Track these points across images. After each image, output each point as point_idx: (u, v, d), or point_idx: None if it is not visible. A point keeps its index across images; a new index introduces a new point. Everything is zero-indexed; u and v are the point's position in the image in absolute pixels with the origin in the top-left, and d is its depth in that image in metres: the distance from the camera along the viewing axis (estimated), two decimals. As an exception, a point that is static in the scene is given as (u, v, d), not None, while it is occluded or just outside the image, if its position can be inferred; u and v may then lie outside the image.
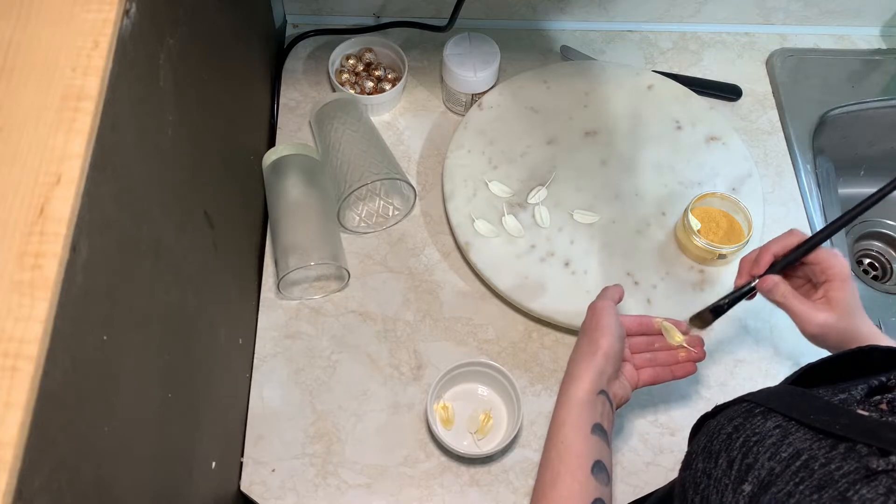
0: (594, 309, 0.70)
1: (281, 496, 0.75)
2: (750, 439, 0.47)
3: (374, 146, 0.88)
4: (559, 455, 0.63)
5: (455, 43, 0.94)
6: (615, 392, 0.67)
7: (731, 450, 0.47)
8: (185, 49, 0.59)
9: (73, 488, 0.39)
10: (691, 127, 0.96)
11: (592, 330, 0.68)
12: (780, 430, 0.46)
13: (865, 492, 0.38)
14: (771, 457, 0.45)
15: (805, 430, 0.45)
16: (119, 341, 0.45)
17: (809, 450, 0.43)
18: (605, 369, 0.66)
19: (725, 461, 0.47)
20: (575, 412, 0.64)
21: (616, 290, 0.73)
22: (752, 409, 0.50)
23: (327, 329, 0.84)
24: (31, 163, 0.39)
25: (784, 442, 0.45)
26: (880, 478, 0.38)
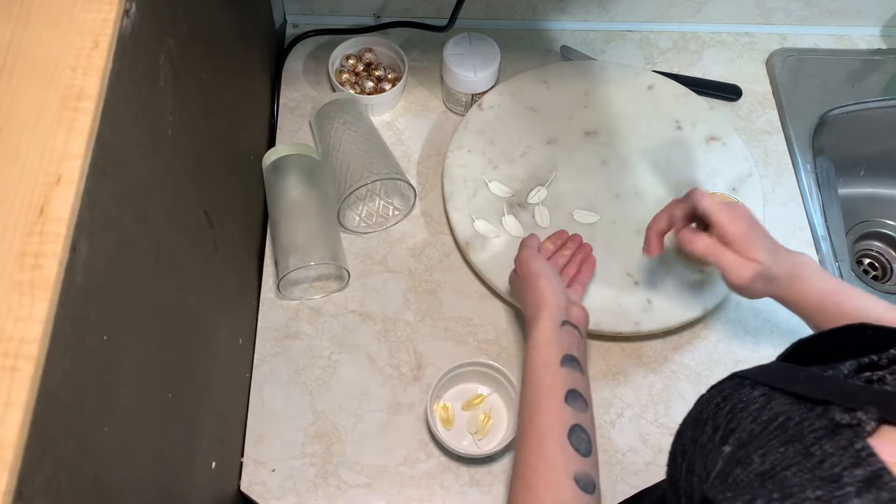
0: (521, 260, 0.77)
1: (281, 496, 0.75)
2: (736, 406, 0.48)
3: (374, 146, 0.88)
4: (532, 393, 0.66)
5: (455, 43, 0.94)
6: (576, 315, 0.72)
7: (718, 417, 0.48)
8: (185, 49, 0.59)
9: (73, 488, 0.39)
10: (691, 127, 0.96)
11: (529, 277, 0.74)
12: (765, 397, 0.47)
13: (828, 446, 0.38)
14: (753, 420, 0.45)
15: (788, 396, 0.46)
16: (119, 341, 0.45)
17: (788, 412, 0.44)
18: (558, 304, 0.71)
19: (711, 427, 0.48)
20: (542, 351, 0.68)
21: (532, 238, 0.80)
22: (741, 382, 0.51)
23: (327, 329, 0.84)
24: (31, 163, 0.39)
25: (766, 407, 0.46)
26: (843, 431, 0.39)
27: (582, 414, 0.63)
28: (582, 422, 0.63)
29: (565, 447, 0.61)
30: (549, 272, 0.74)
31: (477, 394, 0.80)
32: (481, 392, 0.80)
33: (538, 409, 0.65)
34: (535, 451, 0.62)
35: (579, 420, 0.63)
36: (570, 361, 0.66)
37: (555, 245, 0.83)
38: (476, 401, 0.80)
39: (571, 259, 0.82)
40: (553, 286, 0.72)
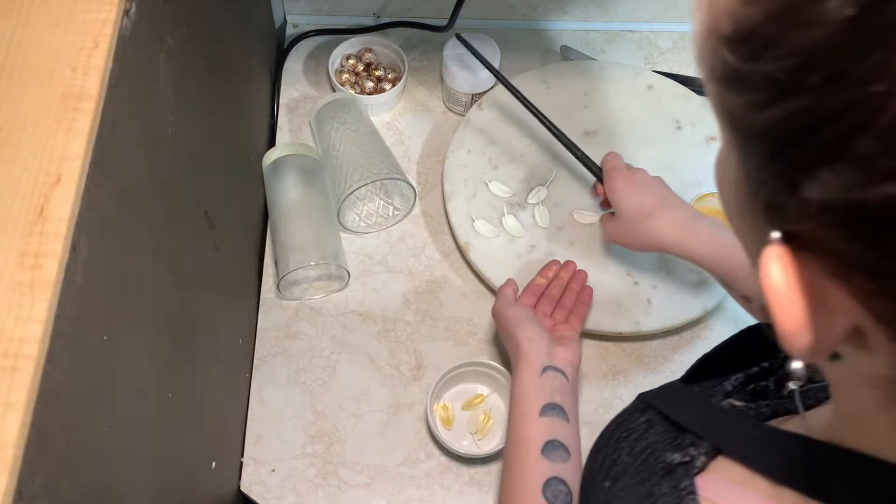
0: (495, 312, 0.76)
1: (281, 496, 0.75)
2: (622, 435, 0.47)
3: (374, 146, 0.88)
4: (509, 445, 0.66)
5: (455, 43, 0.94)
6: (562, 357, 0.70)
7: (607, 447, 0.47)
8: (185, 49, 0.59)
9: (73, 488, 0.39)
10: (691, 127, 0.96)
11: (505, 328, 0.74)
12: (647, 424, 0.46)
13: (664, 486, 0.38)
14: (629, 451, 0.44)
15: (665, 423, 0.45)
16: (119, 341, 0.45)
17: (657, 443, 0.43)
18: (537, 351, 0.70)
19: (602, 457, 0.47)
20: (520, 403, 0.67)
21: (508, 286, 0.79)
22: (637, 406, 0.50)
23: (327, 329, 0.84)
24: (31, 163, 0.39)
25: (643, 436, 0.45)
26: (677, 470, 0.38)
27: (561, 465, 0.61)
28: (560, 473, 0.61)
29: (538, 501, 0.60)
30: (523, 319, 0.73)
31: (477, 394, 0.80)
32: (481, 392, 0.80)
33: (513, 463, 0.64)
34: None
35: (557, 472, 0.61)
36: (552, 410, 0.65)
37: (546, 279, 0.81)
38: (476, 401, 0.80)
39: (568, 288, 0.80)
40: (530, 333, 0.71)
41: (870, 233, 0.22)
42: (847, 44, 0.20)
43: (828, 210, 0.22)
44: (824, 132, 0.21)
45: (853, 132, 0.21)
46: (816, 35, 0.21)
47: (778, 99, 0.22)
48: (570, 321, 0.77)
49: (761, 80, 0.23)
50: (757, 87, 0.23)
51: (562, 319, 0.77)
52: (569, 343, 0.72)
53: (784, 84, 0.22)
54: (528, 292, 0.80)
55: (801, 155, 0.23)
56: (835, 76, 0.20)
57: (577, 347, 0.73)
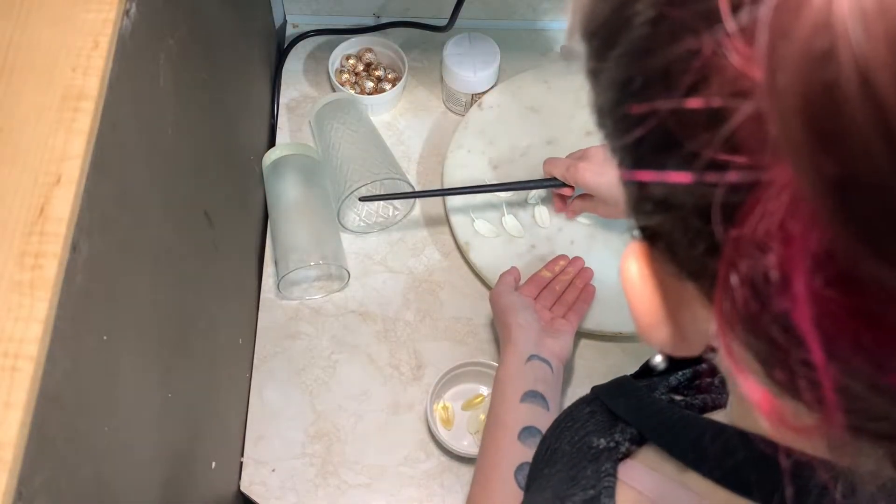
0: (493, 296, 0.78)
1: (281, 496, 0.75)
2: (566, 425, 0.47)
3: (374, 146, 0.88)
4: (488, 428, 0.67)
5: (455, 43, 0.94)
6: (550, 348, 0.71)
7: (552, 436, 0.48)
8: (185, 49, 0.59)
9: (73, 488, 0.39)
10: (691, 127, 0.95)
11: (499, 314, 0.75)
12: (590, 413, 0.46)
13: (589, 470, 0.38)
14: (569, 441, 0.44)
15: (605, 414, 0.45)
16: (119, 341, 0.45)
17: (594, 432, 0.43)
18: (525, 339, 0.71)
19: (545, 446, 0.47)
20: (502, 387, 0.68)
21: (510, 273, 0.80)
22: (585, 398, 0.50)
23: (327, 329, 0.84)
24: (31, 163, 0.39)
25: (584, 426, 0.45)
26: (602, 455, 0.39)
27: None
28: None
29: (510, 484, 0.61)
30: (517, 306, 0.74)
31: (477, 394, 0.80)
32: (481, 392, 0.80)
33: (489, 445, 0.65)
34: (480, 486, 0.63)
35: (531, 458, 0.62)
36: (533, 397, 0.66)
37: (552, 272, 0.81)
38: (476, 401, 0.80)
39: (572, 284, 0.81)
40: (521, 321, 0.72)
41: (689, 224, 0.22)
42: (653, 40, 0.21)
43: (662, 207, 0.23)
44: (650, 135, 0.22)
45: (667, 138, 0.21)
46: (634, 35, 0.21)
47: (622, 99, 0.23)
48: (568, 316, 0.78)
49: (606, 80, 0.24)
50: (604, 88, 0.25)
51: (560, 314, 0.78)
52: (560, 336, 0.73)
53: (622, 83, 0.23)
54: (531, 283, 0.80)
55: (639, 153, 0.23)
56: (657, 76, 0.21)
57: (567, 342, 0.73)
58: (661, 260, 0.25)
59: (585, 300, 0.80)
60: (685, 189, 0.21)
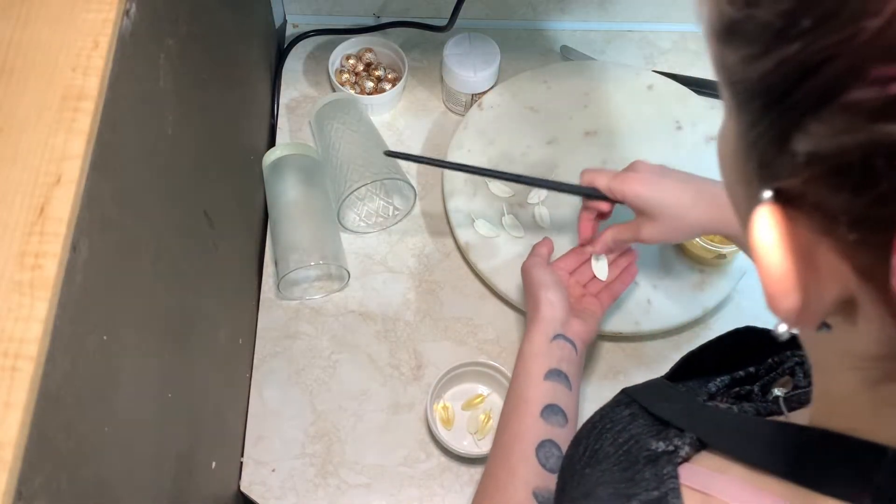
0: (524, 269, 0.75)
1: (281, 496, 0.75)
2: (605, 426, 0.47)
3: (374, 146, 0.88)
4: (510, 403, 0.66)
5: (455, 43, 0.94)
6: (576, 330, 0.70)
7: (590, 437, 0.48)
8: (185, 49, 0.59)
9: (72, 488, 0.39)
10: (691, 127, 0.96)
11: (528, 286, 0.73)
12: (631, 416, 0.46)
13: (647, 472, 0.38)
14: (612, 442, 0.45)
15: (649, 417, 0.45)
16: (119, 341, 0.45)
17: (640, 435, 0.43)
18: (553, 316, 0.69)
19: (583, 447, 0.48)
20: (526, 363, 0.67)
21: (544, 245, 0.78)
22: (621, 400, 0.51)
23: (327, 329, 0.84)
24: (31, 163, 0.39)
25: (626, 428, 0.45)
26: (661, 458, 0.39)
27: (558, 429, 0.62)
28: (556, 437, 0.61)
29: (530, 460, 0.60)
30: (548, 283, 0.72)
31: (477, 394, 0.80)
32: (481, 392, 0.80)
33: (511, 420, 0.64)
34: (499, 462, 0.63)
35: (553, 435, 0.62)
36: (556, 375, 0.65)
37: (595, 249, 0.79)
38: (476, 401, 0.80)
39: (614, 263, 0.79)
40: (551, 298, 0.70)
41: (854, 180, 0.22)
42: None
43: (815, 161, 0.23)
44: (813, 79, 0.22)
45: (841, 75, 0.21)
46: None
47: (771, 48, 0.23)
48: (601, 296, 0.76)
49: (756, 29, 0.23)
50: (751, 37, 0.24)
51: (594, 292, 0.77)
52: (588, 318, 0.72)
53: (778, 31, 0.22)
54: (570, 255, 0.79)
55: (790, 106, 0.23)
56: (828, 16, 0.21)
57: (594, 324, 0.72)
58: (798, 222, 0.25)
59: (623, 281, 0.78)
60: (853, 136, 0.21)
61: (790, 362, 0.46)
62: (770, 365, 0.47)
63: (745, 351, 0.49)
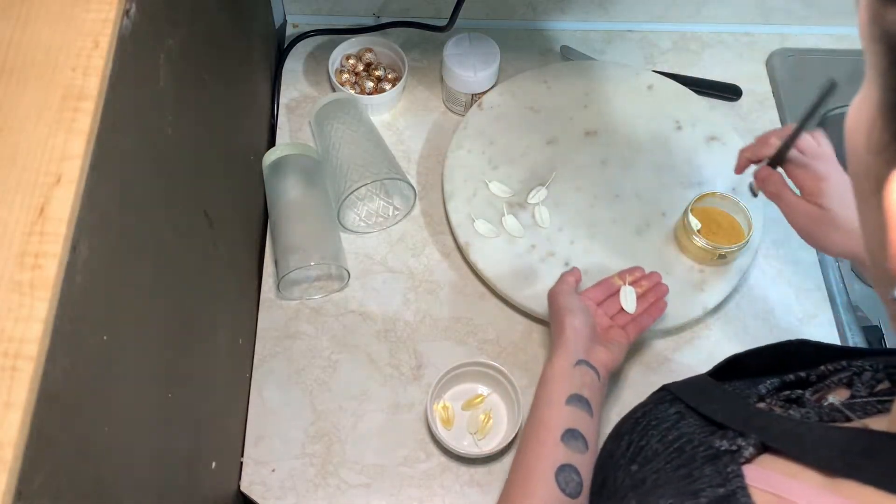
0: (551, 295, 0.76)
1: (281, 496, 0.75)
2: (651, 423, 0.48)
3: (374, 146, 0.88)
4: (530, 426, 0.66)
5: (455, 43, 0.94)
6: (599, 357, 0.70)
7: (633, 433, 0.48)
8: (185, 49, 0.59)
9: (73, 488, 0.39)
10: (691, 127, 0.96)
11: (555, 313, 0.74)
12: (678, 415, 0.47)
13: (707, 470, 0.39)
14: (660, 439, 0.45)
15: (698, 417, 0.46)
16: (119, 341, 0.45)
17: (691, 434, 0.44)
18: (576, 342, 0.69)
19: (626, 443, 0.48)
20: (548, 387, 0.67)
21: (572, 274, 0.78)
22: (663, 397, 0.51)
23: (327, 329, 0.84)
24: (31, 163, 0.39)
25: (675, 426, 0.46)
26: (723, 457, 0.39)
27: (578, 455, 0.62)
28: (576, 462, 0.61)
29: (549, 485, 0.60)
30: (574, 308, 0.72)
31: (477, 394, 0.80)
32: (481, 392, 0.80)
33: (531, 444, 0.64)
34: (518, 485, 0.62)
35: (573, 460, 0.61)
36: (577, 400, 0.65)
37: (623, 280, 0.79)
38: (476, 401, 0.80)
39: (643, 297, 0.78)
40: (576, 324, 0.70)
41: None
42: None
43: None
44: None
45: None
46: None
47: None
48: (628, 328, 0.76)
49: None
50: None
51: (621, 324, 0.76)
52: (613, 347, 0.72)
53: None
54: (600, 287, 0.78)
55: None
56: None
57: (619, 353, 0.72)
58: None
59: (651, 314, 0.77)
60: None
61: (847, 372, 0.46)
62: (823, 372, 0.47)
63: (795, 358, 0.50)
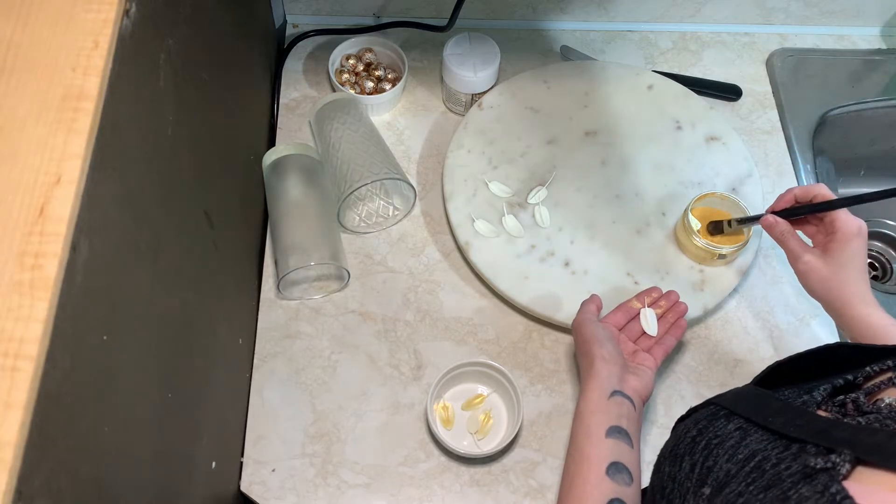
0: (575, 327, 0.75)
1: (281, 496, 0.75)
2: (711, 442, 0.47)
3: (374, 146, 0.88)
4: (573, 461, 0.65)
5: (455, 43, 0.94)
6: (633, 386, 0.69)
7: (694, 453, 0.48)
8: (185, 49, 0.59)
9: (73, 488, 0.39)
10: (691, 127, 0.96)
11: (582, 343, 0.73)
12: (741, 431, 0.47)
13: (804, 490, 0.38)
14: (729, 458, 0.45)
15: (763, 431, 0.46)
16: (119, 341, 0.45)
17: (764, 451, 0.43)
18: (609, 373, 0.68)
19: (689, 464, 0.47)
20: (585, 421, 0.66)
21: (592, 301, 0.78)
22: (716, 413, 0.50)
23: (327, 329, 0.84)
24: (31, 163, 0.39)
25: (742, 444, 0.46)
26: (819, 476, 0.39)
27: (625, 488, 0.61)
28: (623, 496, 0.60)
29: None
30: (601, 338, 0.71)
31: (477, 394, 0.80)
32: (481, 392, 0.80)
33: (576, 480, 0.63)
34: None
35: (620, 494, 0.60)
36: (617, 433, 0.64)
37: (643, 304, 0.79)
38: (476, 401, 0.80)
39: (662, 318, 0.78)
40: (606, 354, 0.70)
41: None
42: None
43: None
44: None
45: None
46: None
47: None
48: (653, 351, 0.76)
49: None
50: None
51: (645, 347, 0.76)
52: (642, 373, 0.71)
53: None
54: (620, 311, 0.78)
55: None
56: None
57: (650, 379, 0.72)
58: None
59: (674, 335, 0.78)
60: None
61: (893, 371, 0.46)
62: (868, 373, 0.47)
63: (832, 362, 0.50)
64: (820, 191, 0.72)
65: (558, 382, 0.82)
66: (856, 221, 0.69)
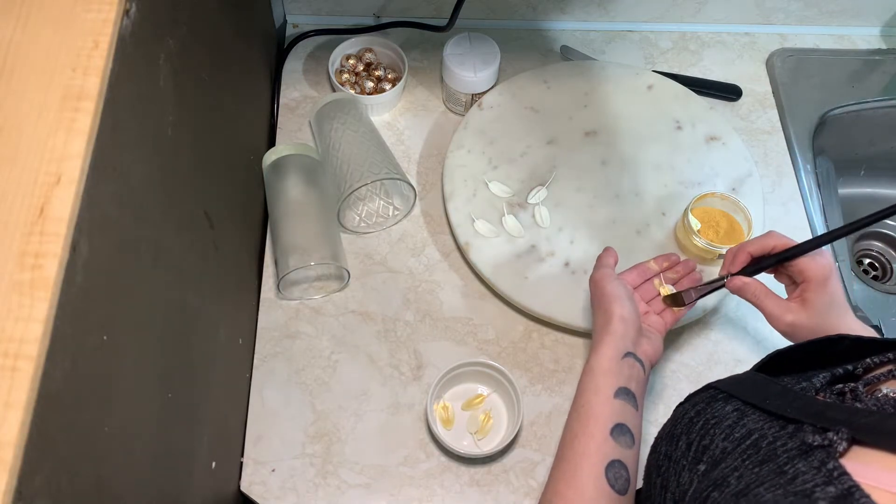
0: (595, 281, 0.73)
1: (281, 496, 0.75)
2: (709, 422, 0.48)
3: (374, 146, 0.88)
4: (578, 417, 0.64)
5: (455, 43, 0.94)
6: (644, 350, 0.69)
7: (691, 432, 0.48)
8: (185, 49, 0.59)
9: (73, 488, 0.39)
10: (691, 127, 0.96)
11: (599, 299, 0.71)
12: (738, 412, 0.47)
13: (801, 465, 0.39)
14: (725, 437, 0.45)
15: (760, 413, 0.46)
16: (119, 341, 0.45)
17: (760, 430, 0.44)
18: (625, 333, 0.67)
19: (685, 443, 0.47)
20: (596, 379, 0.65)
21: (610, 255, 0.76)
22: (715, 395, 0.51)
23: (327, 329, 0.84)
24: (31, 163, 0.39)
25: (739, 423, 0.46)
26: (816, 452, 0.39)
27: (626, 450, 0.61)
28: (624, 458, 0.60)
29: (599, 481, 0.59)
30: (622, 296, 0.69)
31: (477, 394, 0.80)
32: (481, 392, 0.80)
33: (580, 436, 0.62)
34: (567, 479, 0.60)
35: (622, 456, 0.60)
36: (625, 394, 0.64)
37: (660, 266, 0.78)
38: (476, 401, 0.80)
39: (678, 284, 0.78)
40: (626, 313, 0.68)
41: None
42: None
43: None
44: None
45: None
46: None
47: None
48: (664, 315, 0.75)
49: None
50: None
51: (657, 310, 0.75)
52: (654, 337, 0.71)
53: None
54: (636, 271, 0.78)
55: None
56: None
57: (660, 344, 0.71)
58: None
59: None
60: None
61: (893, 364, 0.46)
62: (869, 365, 0.47)
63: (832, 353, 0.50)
64: (776, 241, 0.69)
65: (558, 382, 0.82)
66: (824, 262, 0.67)
